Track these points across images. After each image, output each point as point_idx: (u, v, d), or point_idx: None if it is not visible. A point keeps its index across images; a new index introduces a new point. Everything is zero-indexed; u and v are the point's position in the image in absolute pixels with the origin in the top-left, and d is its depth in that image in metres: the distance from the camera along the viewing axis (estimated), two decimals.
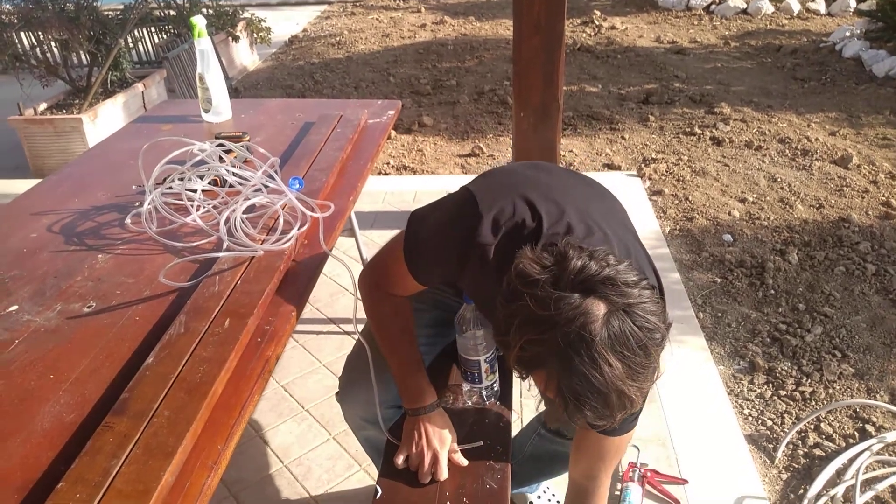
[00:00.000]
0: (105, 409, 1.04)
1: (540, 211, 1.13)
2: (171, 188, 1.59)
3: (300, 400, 2.27)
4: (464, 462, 1.34)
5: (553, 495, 1.84)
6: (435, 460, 1.31)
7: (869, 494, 1.87)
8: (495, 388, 1.47)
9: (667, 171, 3.94)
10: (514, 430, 1.59)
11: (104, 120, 4.29)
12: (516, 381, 1.62)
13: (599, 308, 0.93)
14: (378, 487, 1.32)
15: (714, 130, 4.49)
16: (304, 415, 2.21)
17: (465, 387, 1.48)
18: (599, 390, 0.93)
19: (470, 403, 1.49)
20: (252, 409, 1.11)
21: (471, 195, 1.19)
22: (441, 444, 1.33)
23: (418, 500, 1.29)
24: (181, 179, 1.58)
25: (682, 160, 4.08)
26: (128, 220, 1.59)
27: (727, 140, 4.34)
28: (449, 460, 1.33)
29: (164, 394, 1.06)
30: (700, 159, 4.09)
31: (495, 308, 1.04)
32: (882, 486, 1.90)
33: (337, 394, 1.52)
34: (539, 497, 1.82)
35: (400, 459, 1.34)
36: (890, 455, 2.03)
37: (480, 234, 1.15)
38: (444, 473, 1.31)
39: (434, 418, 1.35)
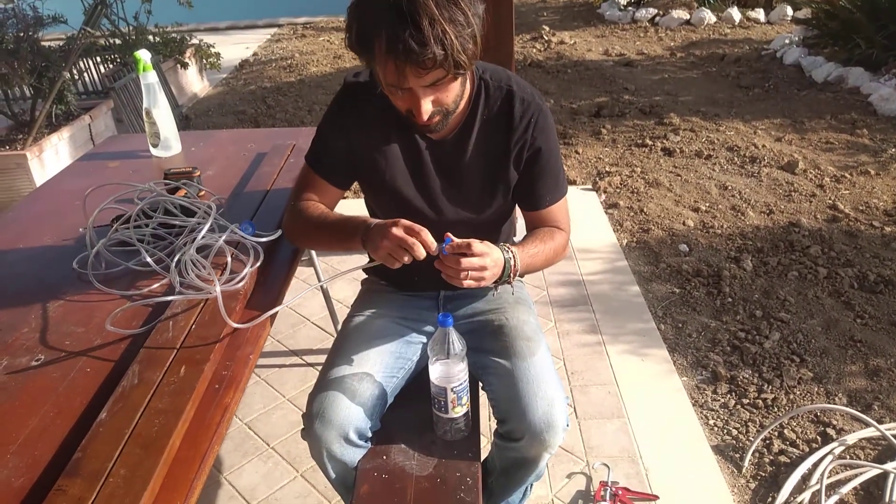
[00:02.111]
0: (57, 471, 1.00)
1: None
2: (117, 231, 1.54)
3: (265, 437, 2.22)
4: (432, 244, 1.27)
5: None
6: (408, 231, 1.26)
7: (834, 498, 1.90)
8: (461, 426, 1.45)
9: (621, 184, 3.99)
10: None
11: (50, 155, 4.17)
12: (483, 408, 1.61)
13: None
14: None
15: (665, 141, 4.57)
16: (270, 452, 2.16)
17: (434, 415, 1.46)
18: (410, 13, 1.14)
19: (438, 434, 1.47)
20: (212, 461, 1.08)
21: None
22: (398, 223, 1.28)
23: None
24: (126, 227, 1.54)
25: (636, 172, 4.14)
26: (75, 265, 1.54)
27: (678, 150, 4.42)
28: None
29: (118, 451, 1.02)
30: (653, 170, 4.16)
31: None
32: (846, 490, 1.93)
33: (302, 430, 1.49)
34: None
35: (396, 265, 1.29)
36: (851, 458, 2.06)
37: (344, 80, 1.50)
38: (426, 235, 1.26)
39: (379, 222, 1.33)
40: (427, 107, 1.28)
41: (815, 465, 2.02)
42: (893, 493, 1.89)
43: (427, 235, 1.27)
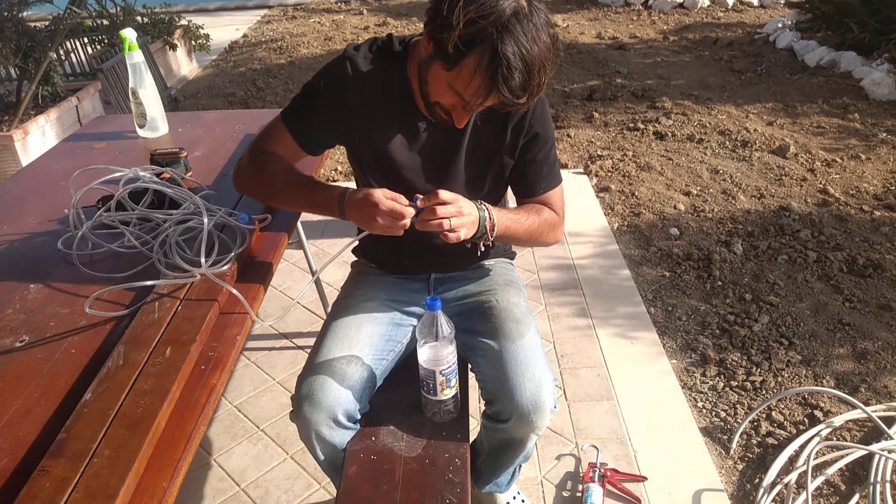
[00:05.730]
0: (41, 452, 0.99)
1: None
2: (101, 216, 1.52)
3: (254, 420, 2.22)
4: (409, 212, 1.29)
5: (523, 500, 1.84)
6: (390, 198, 1.28)
7: (820, 479, 1.92)
8: (450, 408, 1.45)
9: (612, 168, 3.98)
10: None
11: (36, 136, 4.13)
12: (473, 390, 1.61)
13: None
14: None
15: (657, 125, 4.56)
16: (259, 435, 2.15)
17: (423, 398, 1.46)
18: (530, 60, 1.15)
19: (427, 415, 1.47)
20: (198, 441, 1.07)
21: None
22: (378, 201, 1.28)
23: None
24: (107, 211, 1.52)
25: (627, 156, 4.13)
26: (60, 246, 1.52)
27: (670, 134, 4.41)
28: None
29: (103, 431, 1.01)
30: (644, 154, 4.15)
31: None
32: (832, 470, 1.95)
33: (291, 413, 1.48)
34: (513, 498, 1.82)
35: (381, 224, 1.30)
36: (837, 439, 2.08)
37: (345, 51, 1.42)
38: (403, 199, 1.29)
39: (353, 197, 1.34)
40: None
41: (802, 447, 2.03)
42: (878, 474, 1.91)
43: (404, 199, 1.30)
